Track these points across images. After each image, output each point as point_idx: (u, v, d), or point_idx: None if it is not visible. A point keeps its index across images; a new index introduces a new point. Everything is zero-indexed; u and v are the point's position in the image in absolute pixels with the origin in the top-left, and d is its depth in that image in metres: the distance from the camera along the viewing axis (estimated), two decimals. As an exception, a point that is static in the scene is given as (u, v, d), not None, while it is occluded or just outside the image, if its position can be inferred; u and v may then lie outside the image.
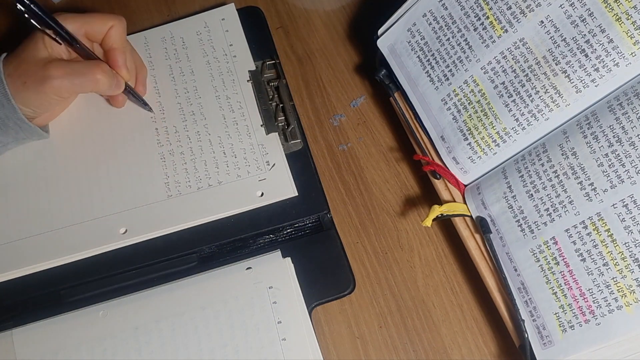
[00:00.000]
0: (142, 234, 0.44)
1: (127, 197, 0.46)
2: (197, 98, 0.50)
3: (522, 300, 0.39)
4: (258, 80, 0.51)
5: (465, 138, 0.43)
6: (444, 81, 0.44)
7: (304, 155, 0.48)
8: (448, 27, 0.43)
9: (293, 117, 0.49)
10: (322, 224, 0.46)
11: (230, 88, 0.50)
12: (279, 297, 0.42)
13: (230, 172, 0.47)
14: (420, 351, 0.43)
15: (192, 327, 0.42)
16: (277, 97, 0.50)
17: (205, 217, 0.45)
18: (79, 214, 0.45)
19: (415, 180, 0.49)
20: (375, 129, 0.51)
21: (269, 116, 0.49)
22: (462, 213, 0.42)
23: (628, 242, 0.35)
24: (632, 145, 0.35)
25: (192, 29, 0.53)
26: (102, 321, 0.42)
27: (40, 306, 0.43)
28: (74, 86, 0.42)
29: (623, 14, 0.36)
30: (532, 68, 0.39)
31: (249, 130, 0.48)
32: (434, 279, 0.45)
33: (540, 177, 0.39)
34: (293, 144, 0.48)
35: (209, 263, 0.44)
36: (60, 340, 0.41)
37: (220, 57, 0.52)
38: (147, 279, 0.44)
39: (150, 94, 0.50)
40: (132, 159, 0.47)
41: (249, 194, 0.46)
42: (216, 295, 0.43)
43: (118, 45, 0.45)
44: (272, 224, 0.45)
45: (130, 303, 0.43)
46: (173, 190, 0.46)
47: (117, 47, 0.45)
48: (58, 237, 0.44)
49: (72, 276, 0.44)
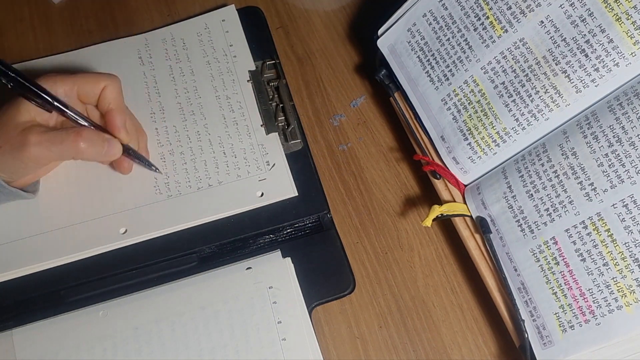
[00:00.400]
0: (142, 234, 0.44)
1: (127, 197, 0.46)
2: (197, 98, 0.50)
3: (522, 300, 0.39)
4: (258, 80, 0.51)
5: (465, 138, 0.43)
6: (444, 81, 0.44)
7: (304, 155, 0.48)
8: (448, 27, 0.43)
9: (293, 117, 0.49)
10: (322, 224, 0.46)
11: (230, 88, 0.50)
12: (279, 297, 0.42)
13: (230, 172, 0.47)
14: (420, 351, 0.43)
15: (192, 327, 0.42)
16: (277, 97, 0.50)
17: (205, 217, 0.45)
18: (79, 214, 0.45)
19: (415, 180, 0.49)
20: (375, 129, 0.51)
21: (269, 116, 0.49)
22: (462, 213, 0.42)
23: (628, 242, 0.35)
24: (632, 145, 0.35)
25: (193, 31, 0.53)
26: (102, 321, 0.42)
27: (40, 306, 0.43)
28: (53, 154, 0.39)
29: (623, 14, 0.36)
30: (532, 68, 0.39)
31: (249, 130, 0.48)
32: (434, 279, 0.45)
33: (540, 177, 0.39)
34: (293, 144, 0.48)
35: (209, 263, 0.44)
36: (60, 340, 0.41)
37: (221, 58, 0.52)
38: (147, 279, 0.44)
39: (152, 94, 0.50)
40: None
41: (249, 194, 0.46)
42: (216, 295, 0.43)
43: (115, 105, 0.42)
44: (272, 224, 0.45)
45: (130, 303, 0.43)
46: (173, 190, 0.46)
47: (114, 108, 0.42)
48: (58, 237, 0.44)
49: (72, 276, 0.43)
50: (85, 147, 0.39)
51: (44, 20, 0.56)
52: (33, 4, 0.57)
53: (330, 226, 0.46)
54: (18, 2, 0.58)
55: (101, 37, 0.55)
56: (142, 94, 0.50)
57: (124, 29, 0.55)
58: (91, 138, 0.40)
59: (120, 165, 0.45)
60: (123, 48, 0.53)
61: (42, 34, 0.55)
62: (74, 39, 0.54)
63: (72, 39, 0.54)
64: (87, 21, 0.56)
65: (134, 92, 0.50)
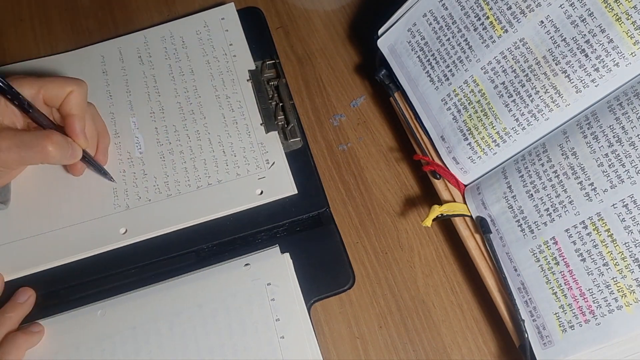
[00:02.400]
0: (142, 234, 0.44)
1: (128, 196, 0.46)
2: (197, 97, 0.50)
3: (522, 300, 0.39)
4: (258, 79, 0.51)
5: (465, 138, 0.43)
6: (444, 81, 0.44)
7: (303, 154, 0.48)
8: (448, 27, 0.43)
9: (293, 116, 0.49)
10: (321, 218, 0.46)
11: (230, 87, 0.50)
12: (278, 294, 0.42)
13: (230, 170, 0.47)
14: (420, 351, 0.43)
15: (189, 326, 0.42)
16: (276, 96, 0.50)
17: (205, 215, 0.45)
18: (79, 215, 0.45)
19: (415, 180, 0.49)
20: (375, 129, 0.51)
21: (268, 115, 0.49)
22: (462, 213, 0.42)
23: (628, 242, 0.35)
24: (632, 145, 0.35)
25: (192, 28, 0.53)
26: (101, 320, 0.42)
27: (39, 306, 0.43)
28: (22, 159, 0.39)
29: (623, 14, 0.36)
30: (532, 68, 0.39)
31: (248, 129, 0.48)
32: (434, 279, 0.45)
33: (540, 177, 0.39)
34: (293, 142, 0.48)
35: (207, 260, 0.44)
36: (60, 340, 0.41)
37: (220, 57, 0.52)
38: (145, 277, 0.44)
39: (152, 94, 0.50)
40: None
41: (248, 192, 0.46)
42: (214, 292, 0.43)
43: (76, 111, 0.42)
44: (271, 222, 0.45)
45: (128, 302, 0.43)
46: (173, 189, 0.46)
47: (75, 114, 0.42)
48: (59, 238, 0.44)
49: (72, 276, 0.44)
50: (53, 150, 0.39)
51: (44, 20, 0.56)
52: (33, 4, 0.57)
53: (329, 221, 0.46)
54: (18, 2, 0.58)
55: (101, 37, 0.55)
56: (141, 94, 0.50)
57: (124, 29, 0.55)
58: (59, 142, 0.40)
59: (73, 168, 0.45)
60: (122, 47, 0.53)
61: (42, 34, 0.56)
62: (74, 39, 0.54)
63: (72, 39, 0.54)
64: (87, 21, 0.56)
65: (133, 91, 0.50)
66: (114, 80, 0.51)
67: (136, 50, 0.52)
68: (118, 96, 0.50)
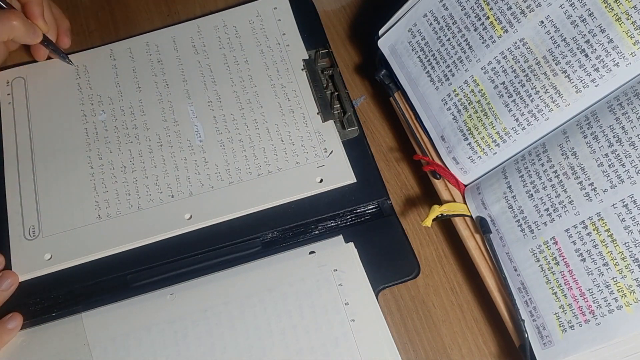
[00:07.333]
0: (206, 220, 0.45)
1: (191, 183, 0.47)
2: (253, 87, 0.51)
3: (522, 300, 0.39)
4: (312, 68, 0.51)
5: (465, 138, 0.43)
6: (444, 81, 0.44)
7: (360, 143, 0.49)
8: (448, 27, 0.43)
9: (349, 105, 0.50)
10: (382, 210, 0.47)
11: (285, 77, 0.51)
12: (344, 280, 0.42)
13: (289, 159, 0.47)
14: (420, 351, 0.43)
15: (261, 309, 0.42)
16: (331, 85, 0.51)
17: (266, 202, 0.46)
18: (146, 200, 0.46)
19: (415, 180, 0.49)
20: (375, 129, 0.51)
21: (324, 104, 0.50)
22: (462, 213, 0.42)
23: (628, 242, 0.35)
24: (632, 145, 0.35)
25: (245, 18, 0.54)
26: (171, 304, 0.42)
27: (107, 291, 0.44)
28: None
29: (623, 14, 0.36)
30: (532, 68, 0.39)
31: (305, 118, 0.49)
32: (434, 279, 0.45)
33: (540, 177, 0.39)
34: (350, 131, 0.49)
35: (272, 248, 0.45)
36: (131, 322, 0.42)
37: (274, 46, 0.52)
38: (212, 264, 0.44)
39: (208, 83, 0.51)
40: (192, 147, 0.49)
41: (308, 180, 0.46)
42: (282, 278, 0.43)
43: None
44: (332, 210, 0.46)
45: (197, 286, 0.43)
46: (234, 176, 0.47)
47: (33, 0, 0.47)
48: (125, 223, 0.45)
49: (138, 261, 0.44)
50: (17, 24, 0.45)
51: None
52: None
53: (391, 212, 0.47)
54: (18, 1, 0.57)
55: (101, 37, 0.55)
56: (198, 82, 0.51)
57: (124, 29, 0.55)
58: (22, 17, 0.46)
59: (36, 52, 0.51)
60: (176, 36, 0.53)
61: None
62: (74, 39, 0.54)
63: (72, 39, 0.54)
64: (87, 21, 0.56)
65: (189, 80, 0.51)
66: (170, 70, 0.52)
67: (190, 39, 0.53)
68: (175, 85, 0.51)
